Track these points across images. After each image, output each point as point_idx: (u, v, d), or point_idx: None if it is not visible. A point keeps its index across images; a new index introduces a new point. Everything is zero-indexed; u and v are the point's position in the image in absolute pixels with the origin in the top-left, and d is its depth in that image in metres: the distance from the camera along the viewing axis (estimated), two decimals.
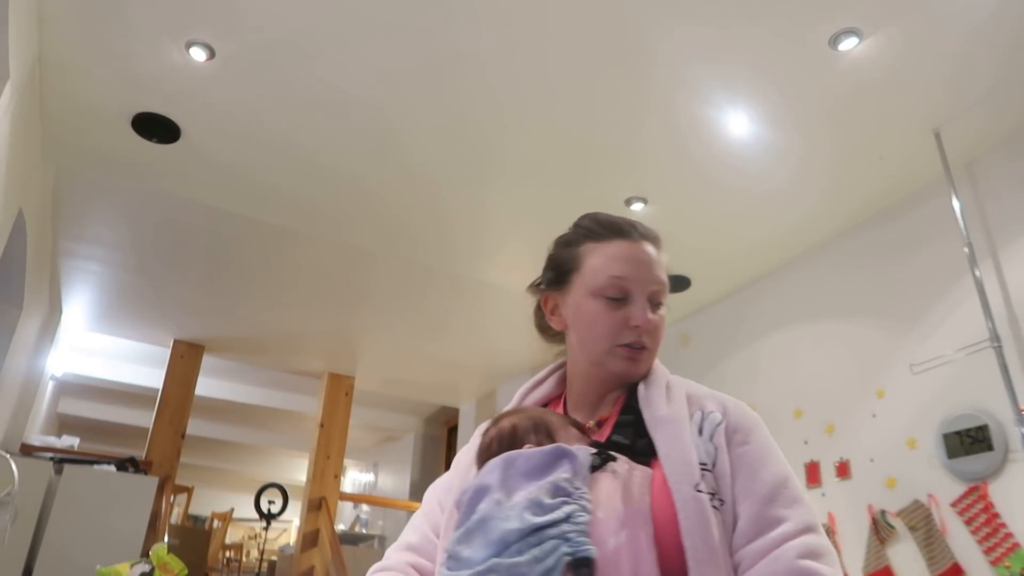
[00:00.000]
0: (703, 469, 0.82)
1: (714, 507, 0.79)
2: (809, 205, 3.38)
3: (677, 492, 0.78)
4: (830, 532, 3.13)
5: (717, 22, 2.40)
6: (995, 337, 2.64)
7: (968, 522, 2.67)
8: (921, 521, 2.82)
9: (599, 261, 0.98)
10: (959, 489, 2.74)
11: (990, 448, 2.65)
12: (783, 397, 3.61)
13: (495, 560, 0.70)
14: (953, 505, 2.73)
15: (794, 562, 0.75)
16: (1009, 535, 2.54)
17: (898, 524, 2.92)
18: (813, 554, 0.76)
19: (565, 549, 0.69)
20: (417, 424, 8.15)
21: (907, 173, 3.12)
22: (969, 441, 2.72)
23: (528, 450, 0.84)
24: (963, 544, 2.67)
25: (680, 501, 0.77)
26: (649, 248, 0.99)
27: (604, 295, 0.96)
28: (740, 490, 0.82)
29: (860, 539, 3.03)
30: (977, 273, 2.75)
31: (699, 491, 0.78)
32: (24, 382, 4.80)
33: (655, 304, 0.97)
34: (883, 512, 2.98)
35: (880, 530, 2.97)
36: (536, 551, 0.69)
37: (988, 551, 2.57)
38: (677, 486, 0.78)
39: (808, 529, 0.79)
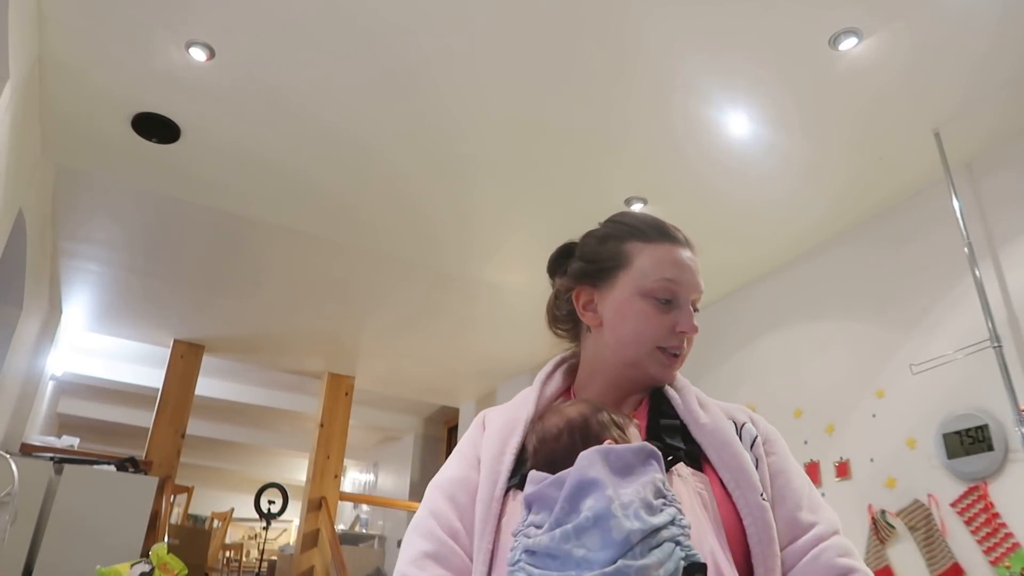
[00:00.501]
0: None
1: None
2: (810, 208, 3.37)
3: (742, 500, 0.81)
4: None
5: (714, 17, 2.40)
6: (995, 337, 2.64)
7: (968, 522, 2.67)
8: (921, 521, 2.82)
9: (649, 262, 0.96)
10: (959, 489, 2.74)
11: (990, 448, 2.65)
12: (783, 397, 3.61)
13: (623, 562, 0.65)
14: (953, 505, 2.73)
15: (836, 560, 0.80)
16: (1009, 535, 2.54)
17: (898, 524, 2.92)
18: (847, 553, 0.82)
19: (680, 553, 0.68)
20: (417, 424, 8.15)
21: (907, 173, 3.11)
22: (969, 441, 2.72)
23: (618, 446, 0.78)
24: (963, 544, 2.67)
25: (746, 508, 0.81)
26: (692, 254, 0.99)
27: (654, 296, 0.95)
28: (775, 497, 0.86)
29: (860, 539, 3.03)
30: (977, 273, 2.75)
31: (763, 499, 0.82)
32: (24, 382, 4.80)
33: (694, 311, 0.98)
34: (883, 512, 2.98)
35: (880, 530, 2.97)
36: (658, 553, 0.67)
37: (988, 551, 2.57)
38: (741, 494, 0.82)
39: (837, 530, 0.85)
